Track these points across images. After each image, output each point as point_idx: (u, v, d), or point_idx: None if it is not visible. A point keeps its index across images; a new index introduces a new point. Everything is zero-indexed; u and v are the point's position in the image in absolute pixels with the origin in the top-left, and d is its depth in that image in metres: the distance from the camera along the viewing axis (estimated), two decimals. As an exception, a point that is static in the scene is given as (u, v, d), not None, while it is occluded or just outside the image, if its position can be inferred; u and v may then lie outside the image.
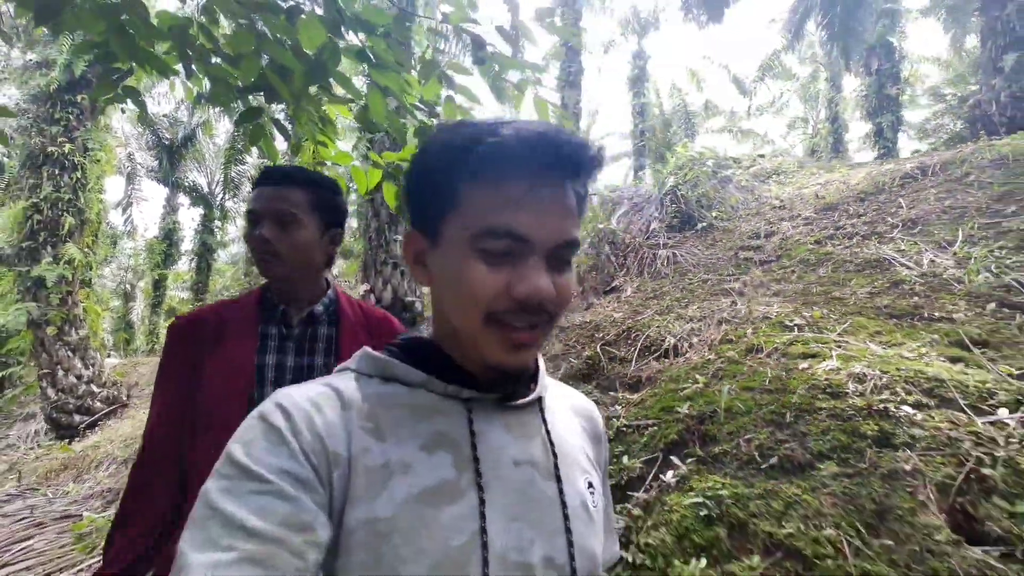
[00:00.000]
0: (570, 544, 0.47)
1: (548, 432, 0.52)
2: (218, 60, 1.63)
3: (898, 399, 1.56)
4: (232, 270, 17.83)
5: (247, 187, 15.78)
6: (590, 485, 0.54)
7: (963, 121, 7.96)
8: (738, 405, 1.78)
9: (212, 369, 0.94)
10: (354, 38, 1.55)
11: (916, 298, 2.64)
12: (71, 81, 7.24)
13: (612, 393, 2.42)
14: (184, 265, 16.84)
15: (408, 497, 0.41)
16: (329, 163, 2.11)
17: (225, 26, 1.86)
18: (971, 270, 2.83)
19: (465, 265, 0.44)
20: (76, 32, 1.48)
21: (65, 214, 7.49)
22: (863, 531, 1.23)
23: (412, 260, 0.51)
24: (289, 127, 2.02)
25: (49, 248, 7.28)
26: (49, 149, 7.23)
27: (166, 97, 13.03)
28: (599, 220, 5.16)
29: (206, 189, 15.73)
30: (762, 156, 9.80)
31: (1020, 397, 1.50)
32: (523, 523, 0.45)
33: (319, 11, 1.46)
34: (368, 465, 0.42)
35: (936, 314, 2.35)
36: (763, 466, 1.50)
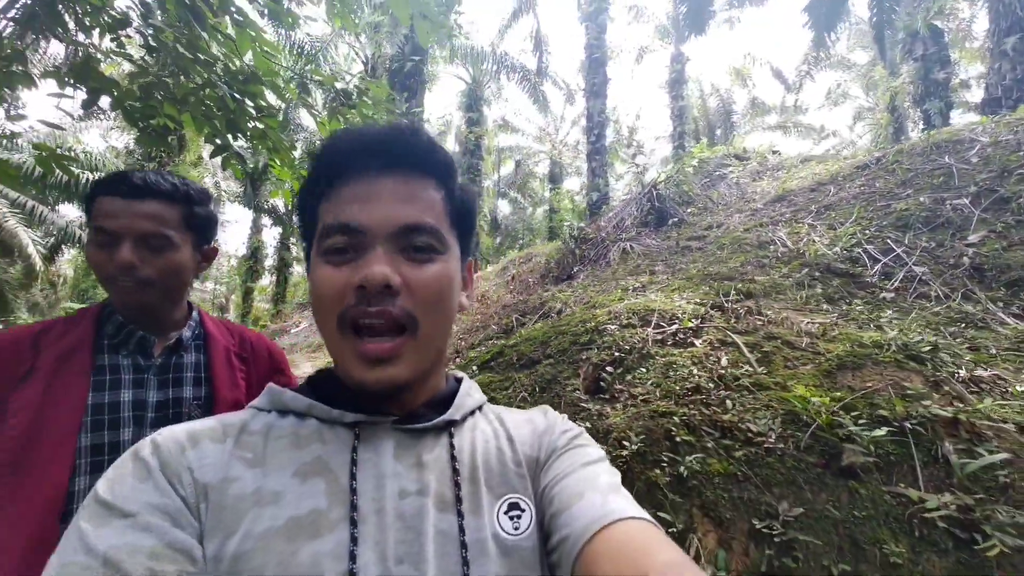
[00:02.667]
0: None
1: (454, 458, 0.47)
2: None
3: (617, 322, 2.28)
4: (304, 282, 20.06)
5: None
6: (513, 507, 0.46)
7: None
8: (535, 336, 2.56)
9: (16, 411, 0.77)
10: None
11: (752, 268, 3.20)
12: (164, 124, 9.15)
13: (492, 341, 3.24)
14: (267, 279, 19.44)
15: (268, 531, 0.38)
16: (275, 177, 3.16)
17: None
18: (811, 245, 3.32)
19: (314, 273, 0.45)
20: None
21: (161, 233, 9.47)
22: (536, 391, 2.00)
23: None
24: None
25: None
26: (148, 181, 9.23)
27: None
28: (564, 219, 5.90)
29: (283, 210, 18.03)
30: (776, 152, 9.93)
31: (696, 320, 2.17)
32: (409, 565, 0.39)
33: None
34: (235, 495, 0.39)
35: (745, 276, 2.93)
36: (516, 365, 2.28)
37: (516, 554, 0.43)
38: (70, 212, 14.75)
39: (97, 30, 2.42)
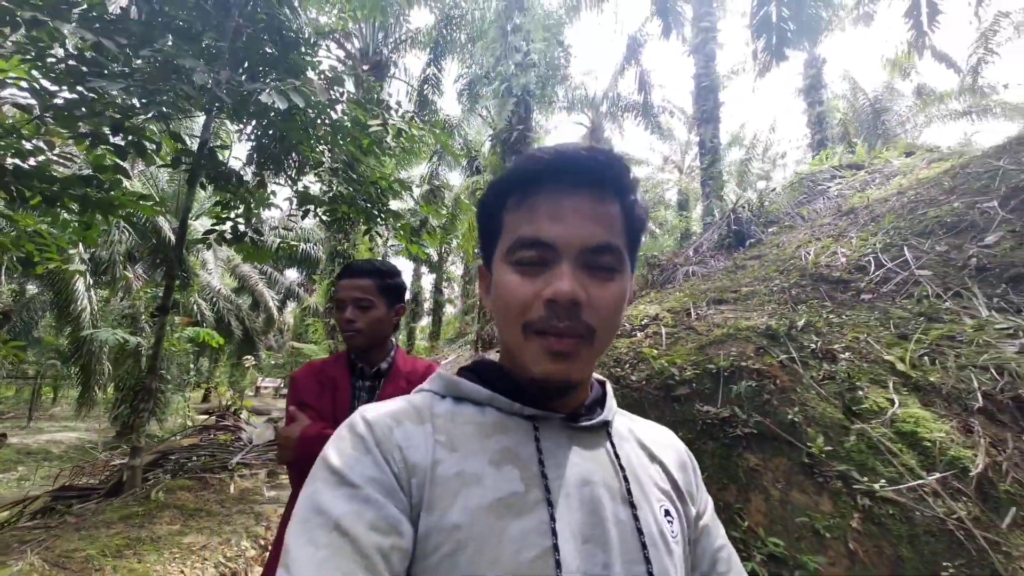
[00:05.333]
0: (649, 575, 0.46)
1: (617, 456, 0.52)
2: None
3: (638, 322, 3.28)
4: (455, 321, 23.01)
5: (459, 255, 21.08)
6: (667, 513, 0.52)
7: None
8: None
9: (319, 412, 1.27)
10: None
11: (752, 280, 3.77)
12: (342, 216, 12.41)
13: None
14: (426, 320, 23.06)
15: (480, 507, 0.43)
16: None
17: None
18: (826, 258, 3.74)
19: (502, 279, 0.49)
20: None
21: (346, 285, 12.61)
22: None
23: (484, 293, 0.57)
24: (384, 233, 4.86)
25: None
26: (338, 248, 12.48)
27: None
28: (644, 251, 6.73)
29: (435, 258, 21.34)
30: (911, 154, 9.23)
31: (647, 319, 3.07)
32: (595, 546, 0.45)
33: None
34: (442, 475, 0.45)
35: (729, 288, 3.61)
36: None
37: (677, 554, 0.50)
38: (292, 275, 19.95)
39: (308, 168, 4.44)
